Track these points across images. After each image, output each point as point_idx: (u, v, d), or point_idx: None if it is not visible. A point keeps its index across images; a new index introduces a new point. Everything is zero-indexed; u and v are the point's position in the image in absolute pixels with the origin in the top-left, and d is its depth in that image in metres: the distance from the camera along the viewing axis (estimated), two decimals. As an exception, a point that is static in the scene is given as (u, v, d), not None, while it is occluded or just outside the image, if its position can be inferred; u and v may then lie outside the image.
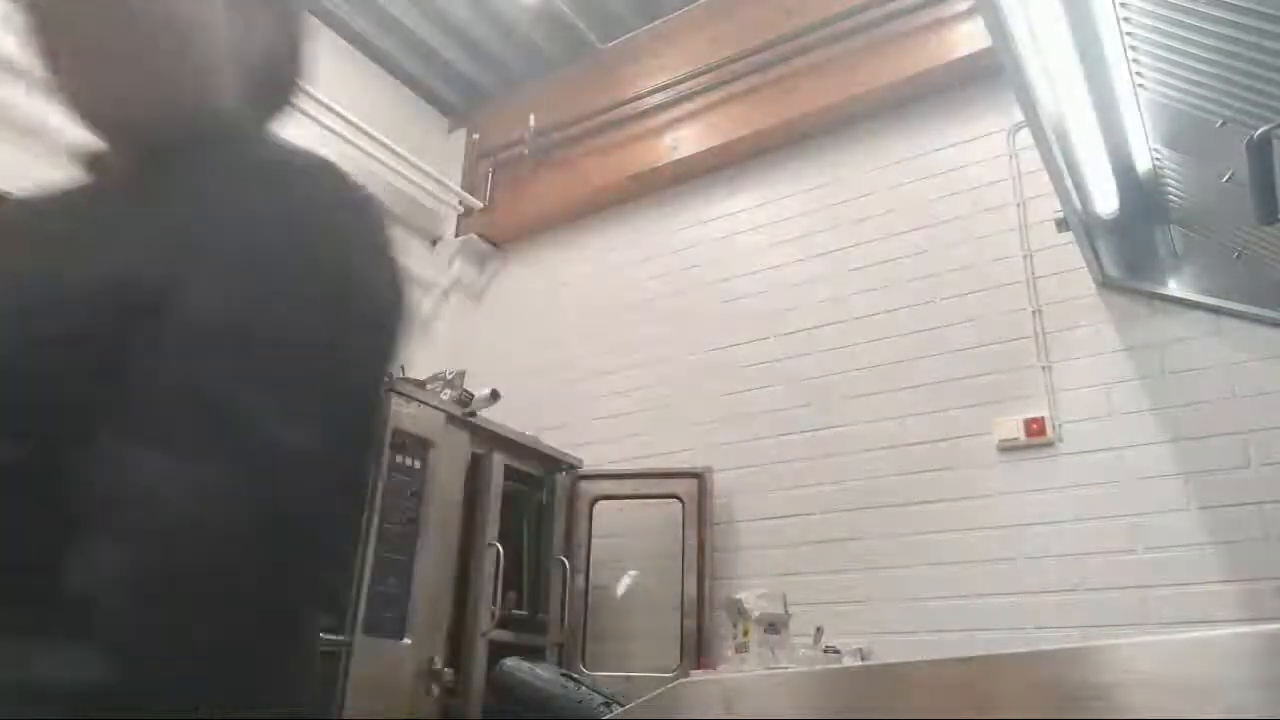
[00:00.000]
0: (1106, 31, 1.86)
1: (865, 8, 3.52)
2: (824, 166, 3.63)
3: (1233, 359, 2.59)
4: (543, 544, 3.23)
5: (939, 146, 3.36)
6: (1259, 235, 2.24)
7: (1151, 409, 2.66)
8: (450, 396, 2.93)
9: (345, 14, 4.21)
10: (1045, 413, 2.80)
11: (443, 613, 2.68)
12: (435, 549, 2.68)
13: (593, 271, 4.15)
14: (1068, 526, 2.66)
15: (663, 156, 3.96)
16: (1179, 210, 2.53)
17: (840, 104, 3.55)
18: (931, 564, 2.84)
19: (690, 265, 3.83)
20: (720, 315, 3.64)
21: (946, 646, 2.70)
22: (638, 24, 4.27)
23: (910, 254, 3.26)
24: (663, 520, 3.36)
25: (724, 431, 3.43)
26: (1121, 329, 2.79)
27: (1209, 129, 1.95)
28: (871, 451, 3.08)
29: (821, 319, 3.37)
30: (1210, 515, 2.48)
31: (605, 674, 3.01)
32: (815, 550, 3.06)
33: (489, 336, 4.37)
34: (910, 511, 2.94)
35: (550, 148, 4.37)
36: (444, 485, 2.77)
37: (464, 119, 4.82)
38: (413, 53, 4.47)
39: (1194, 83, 1.88)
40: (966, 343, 3.04)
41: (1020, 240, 3.05)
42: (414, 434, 2.69)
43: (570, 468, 3.39)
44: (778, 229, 3.64)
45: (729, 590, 2.95)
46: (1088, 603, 2.56)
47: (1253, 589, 2.36)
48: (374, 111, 4.23)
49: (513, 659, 2.66)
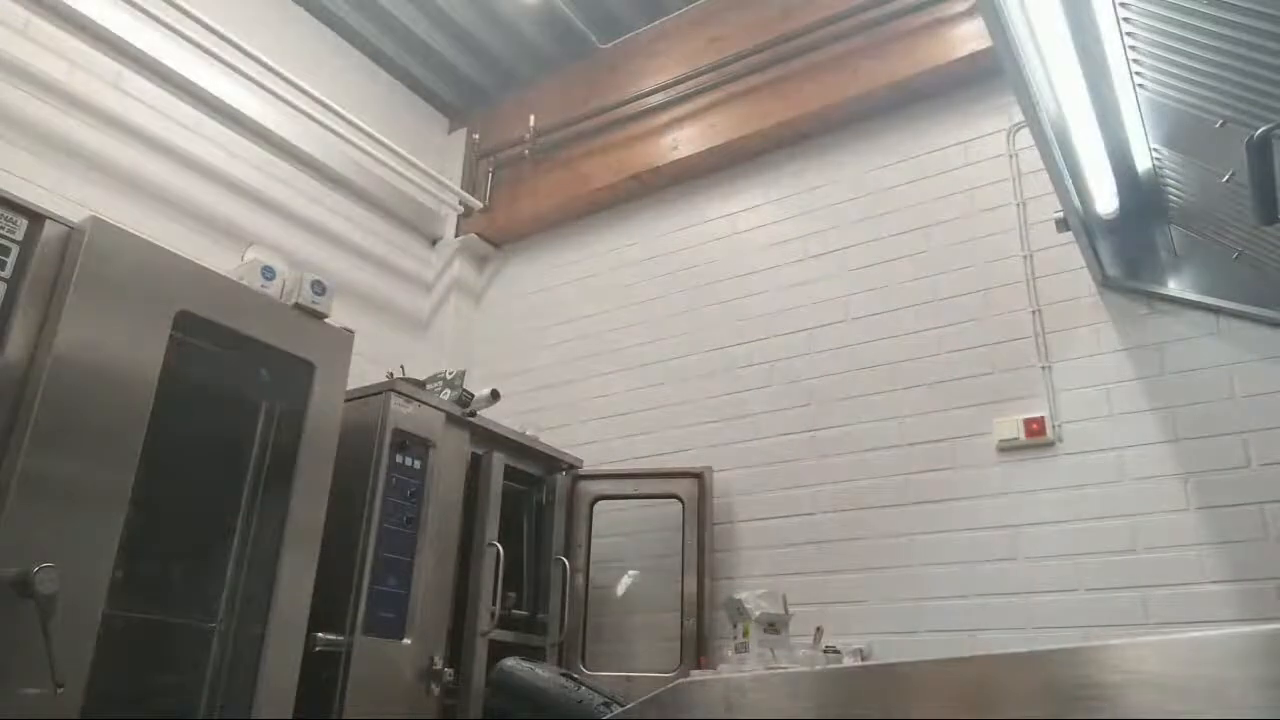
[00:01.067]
0: (1106, 31, 1.86)
1: (865, 8, 3.52)
2: (824, 166, 3.63)
3: (1233, 359, 2.59)
4: (542, 544, 3.23)
5: (939, 146, 3.36)
6: (1259, 235, 2.24)
7: (1151, 409, 2.66)
8: (450, 396, 2.93)
9: (345, 13, 4.21)
10: (1045, 413, 2.80)
11: (443, 613, 2.68)
12: (435, 549, 2.68)
13: (592, 272, 4.15)
14: (1068, 526, 2.66)
15: (663, 156, 3.96)
16: (1179, 210, 2.53)
17: (840, 104, 3.55)
18: (931, 564, 2.84)
19: (690, 265, 3.83)
20: (720, 315, 3.64)
21: (946, 646, 2.70)
22: (638, 24, 4.27)
23: (910, 254, 3.26)
24: (663, 520, 3.36)
25: (724, 431, 3.43)
26: (1121, 329, 2.79)
27: (1209, 129, 1.95)
28: (871, 451, 3.08)
29: (821, 319, 3.37)
30: (1210, 515, 2.48)
31: (605, 674, 3.01)
32: (815, 550, 3.06)
33: (489, 336, 4.38)
34: (910, 511, 2.94)
35: (550, 148, 4.37)
36: (444, 485, 2.77)
37: (464, 119, 4.82)
38: (413, 53, 4.47)
39: (1194, 83, 1.88)
40: (966, 343, 3.04)
41: (1020, 240, 3.05)
42: (414, 434, 2.69)
43: (570, 468, 3.39)
44: (778, 229, 3.64)
45: (729, 590, 2.96)
46: (1088, 603, 2.56)
47: (1253, 589, 2.36)
48: (374, 111, 4.23)
49: (513, 659, 2.66)
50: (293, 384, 2.41)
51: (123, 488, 1.92)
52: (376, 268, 4.21)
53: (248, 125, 3.67)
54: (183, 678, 2.20)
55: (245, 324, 2.28)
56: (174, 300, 2.12)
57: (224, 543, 2.31)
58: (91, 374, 1.92)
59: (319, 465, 2.37)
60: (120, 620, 2.01)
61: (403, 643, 2.51)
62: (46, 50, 3.07)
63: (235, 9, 3.65)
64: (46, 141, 3.01)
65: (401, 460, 2.64)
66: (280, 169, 3.83)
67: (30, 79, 3.01)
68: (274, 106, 3.69)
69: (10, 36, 2.98)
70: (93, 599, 1.83)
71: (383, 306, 4.18)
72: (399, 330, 4.24)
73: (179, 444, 2.16)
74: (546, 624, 3.09)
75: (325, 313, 2.50)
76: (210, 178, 3.52)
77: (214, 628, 2.24)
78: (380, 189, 4.26)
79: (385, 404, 2.63)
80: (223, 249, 3.38)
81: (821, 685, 0.97)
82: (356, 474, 2.52)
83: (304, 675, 2.21)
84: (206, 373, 2.34)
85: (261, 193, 3.71)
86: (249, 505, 2.36)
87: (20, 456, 1.77)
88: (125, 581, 2.04)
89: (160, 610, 2.22)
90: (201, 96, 3.52)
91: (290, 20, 4.06)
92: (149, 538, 2.15)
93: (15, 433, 1.80)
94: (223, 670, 2.20)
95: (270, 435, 2.44)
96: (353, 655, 2.34)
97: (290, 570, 2.24)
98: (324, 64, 4.13)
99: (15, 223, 1.91)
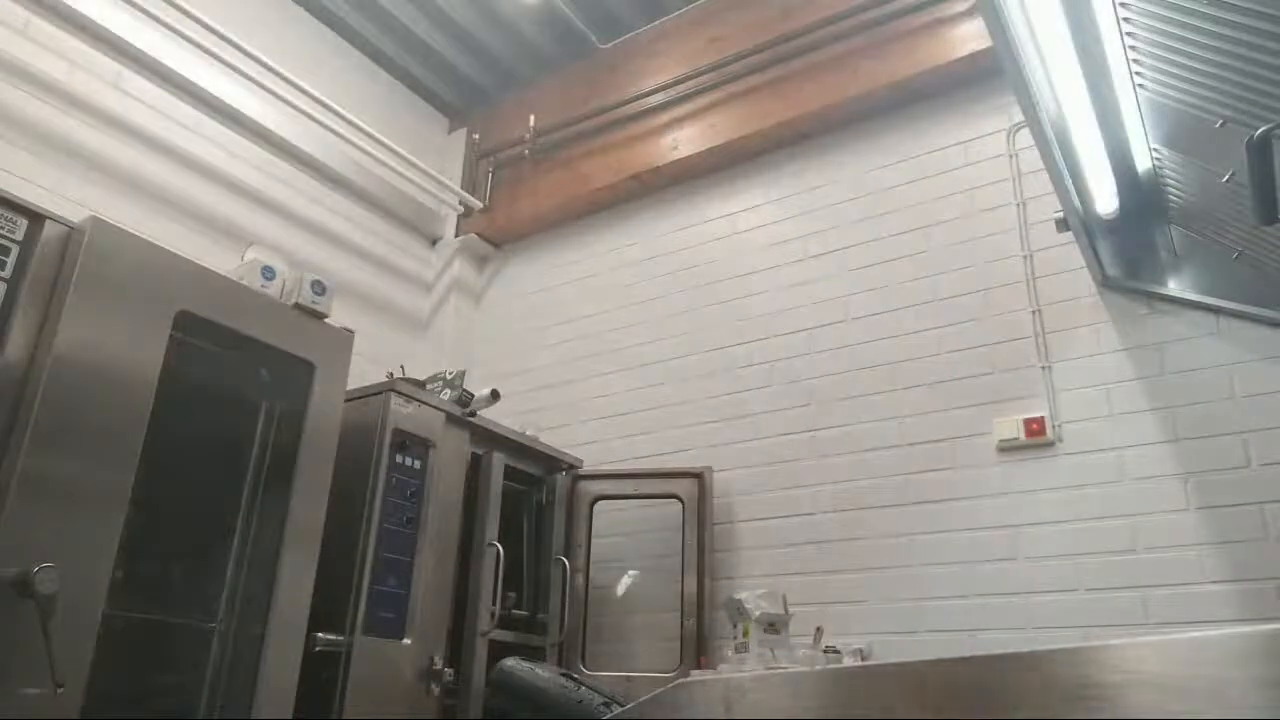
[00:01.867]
0: (1106, 31, 1.86)
1: (865, 8, 3.52)
2: (824, 166, 3.63)
3: (1233, 359, 2.59)
4: (542, 544, 3.23)
5: (939, 146, 3.36)
6: (1259, 235, 2.24)
7: (1151, 409, 2.66)
8: (450, 396, 2.93)
9: (345, 13, 4.21)
10: (1045, 413, 2.80)
11: (443, 613, 2.68)
12: (435, 549, 2.68)
13: (593, 272, 4.15)
14: (1068, 526, 2.66)
15: (663, 156, 3.96)
16: (1179, 210, 2.53)
17: (840, 104, 3.55)
18: (931, 564, 2.84)
19: (690, 265, 3.83)
20: (720, 315, 3.64)
21: (946, 646, 2.70)
22: (638, 24, 4.27)
23: (910, 254, 3.26)
24: (663, 520, 3.36)
25: (724, 431, 3.43)
26: (1121, 329, 2.79)
27: (1209, 129, 1.95)
28: (871, 451, 3.08)
29: (821, 319, 3.37)
30: (1210, 515, 2.48)
31: (605, 674, 3.01)
32: (815, 550, 3.06)
33: (489, 336, 4.38)
34: (910, 511, 2.94)
35: (550, 148, 4.37)
36: (444, 485, 2.77)
37: (464, 119, 4.82)
38: (413, 53, 4.47)
39: (1194, 83, 1.88)
40: (966, 343, 3.04)
41: (1020, 240, 3.05)
42: (414, 434, 2.69)
43: (570, 468, 3.39)
44: (778, 229, 3.64)
45: (729, 590, 2.96)
46: (1088, 603, 2.56)
47: (1253, 589, 2.36)
48: (374, 111, 4.23)
49: (513, 659, 2.66)
50: (293, 384, 2.41)
51: (123, 488, 1.92)
52: (376, 268, 4.21)
53: (248, 125, 3.67)
54: (183, 678, 2.20)
55: (245, 324, 2.28)
56: (174, 300, 2.12)
57: (224, 543, 2.31)
58: (91, 374, 1.92)
59: (319, 465, 2.37)
60: (120, 620, 2.01)
61: (403, 643, 2.51)
62: (46, 50, 3.07)
63: (235, 9, 3.65)
64: (46, 141, 3.01)
65: (401, 460, 2.64)
66: (280, 169, 3.83)
67: (30, 79, 3.01)
68: (274, 106, 3.69)
69: (10, 36, 2.98)
70: (93, 599, 1.83)
71: (383, 306, 4.18)
72: (399, 330, 4.24)
73: (179, 444, 2.16)
74: (546, 624, 3.09)
75: (325, 313, 2.50)
76: (210, 178, 3.52)
77: (214, 628, 2.24)
78: (380, 189, 4.25)
79: (385, 404, 2.63)
80: (223, 249, 3.38)
81: (821, 685, 0.97)
82: (356, 474, 2.52)
83: (304, 675, 2.21)
84: (206, 373, 2.34)
85: (261, 193, 3.71)
86: (249, 505, 2.36)
87: (20, 456, 1.77)
88: (125, 581, 2.04)
89: (160, 610, 2.22)
90: (201, 96, 3.52)
91: (290, 20, 4.06)
92: (149, 538, 2.15)
93: (15, 433, 1.80)
94: (223, 670, 2.20)
95: (270, 435, 2.44)
96: (353, 655, 2.34)
97: (290, 570, 2.24)
98: (324, 64, 4.13)
99: (15, 223, 1.91)
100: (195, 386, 2.28)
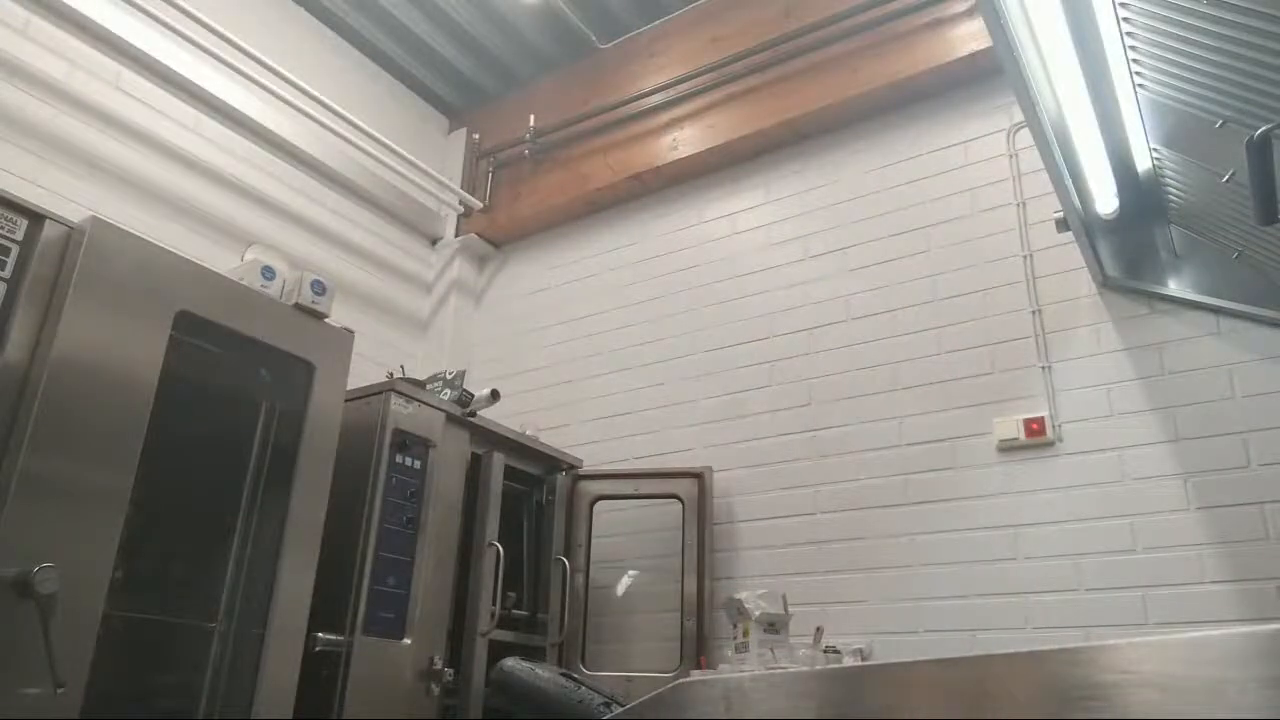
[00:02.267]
0: (1106, 31, 1.86)
1: (865, 8, 3.52)
2: (824, 166, 3.63)
3: (1233, 359, 2.59)
4: (542, 544, 3.23)
5: (939, 146, 3.36)
6: (1259, 235, 2.24)
7: (1151, 409, 2.66)
8: (450, 396, 2.93)
9: (345, 13, 4.21)
10: (1045, 413, 2.80)
11: (443, 613, 2.68)
12: (435, 549, 2.68)
13: (592, 271, 4.14)
14: (1068, 526, 2.66)
15: (663, 156, 3.96)
16: (1179, 210, 2.53)
17: (840, 104, 3.54)
18: (931, 564, 2.84)
19: (690, 265, 3.83)
20: (720, 315, 3.64)
21: (946, 646, 2.70)
22: (638, 24, 4.27)
23: (910, 254, 3.26)
24: (663, 520, 3.36)
25: (724, 431, 3.43)
26: (1121, 329, 2.79)
27: (1209, 129, 1.95)
28: (871, 451, 3.08)
29: (821, 319, 3.37)
30: (1210, 515, 2.48)
31: (605, 674, 3.01)
32: (815, 550, 3.06)
33: (489, 336, 4.37)
34: (910, 511, 2.94)
35: (550, 148, 4.37)
36: (444, 485, 2.77)
37: (464, 119, 4.82)
38: (413, 53, 4.47)
39: (1194, 83, 1.87)
40: (966, 343, 3.04)
41: (1020, 240, 3.05)
42: (414, 434, 2.69)
43: (570, 468, 3.39)
44: (778, 229, 3.64)
45: (729, 590, 2.95)
46: (1088, 603, 2.56)
47: (1253, 589, 2.36)
48: (374, 111, 4.23)
49: (513, 659, 2.66)
50: (293, 384, 2.41)
51: (123, 488, 1.92)
52: (376, 268, 4.21)
53: (248, 125, 3.67)
54: (183, 678, 2.20)
55: (245, 324, 2.28)
56: (174, 300, 2.12)
57: (224, 543, 2.31)
58: (91, 374, 1.92)
59: (319, 465, 2.37)
60: (120, 620, 2.01)
61: (403, 643, 2.51)
62: (46, 50, 3.07)
63: (235, 9, 3.65)
64: (46, 141, 3.01)
65: (401, 460, 2.64)
66: (280, 169, 3.83)
67: (30, 79, 3.01)
68: (274, 106, 3.69)
69: (10, 36, 2.98)
70: (93, 599, 1.83)
71: (383, 306, 4.18)
72: (399, 330, 4.24)
73: (179, 444, 2.16)
74: (546, 624, 3.09)
75: (325, 313, 2.50)
76: (210, 177, 3.52)
77: (214, 628, 2.24)
78: (380, 189, 4.25)
79: (385, 404, 2.63)
80: (223, 249, 3.38)
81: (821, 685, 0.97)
82: (356, 474, 2.52)
83: (304, 675, 2.21)
84: (206, 373, 2.34)
85: (261, 193, 3.71)
86: (249, 505, 2.36)
87: (20, 456, 1.77)
88: (125, 581, 2.04)
89: (160, 610, 2.22)
90: (201, 96, 3.52)
91: (290, 20, 4.06)
92: (149, 538, 2.15)
93: (15, 433, 1.80)
94: (223, 670, 2.20)
95: (270, 435, 2.44)
96: (353, 655, 2.34)
97: (290, 570, 2.24)
98: (324, 64, 4.13)
99: (15, 223, 1.91)
100: (195, 387, 2.28)
